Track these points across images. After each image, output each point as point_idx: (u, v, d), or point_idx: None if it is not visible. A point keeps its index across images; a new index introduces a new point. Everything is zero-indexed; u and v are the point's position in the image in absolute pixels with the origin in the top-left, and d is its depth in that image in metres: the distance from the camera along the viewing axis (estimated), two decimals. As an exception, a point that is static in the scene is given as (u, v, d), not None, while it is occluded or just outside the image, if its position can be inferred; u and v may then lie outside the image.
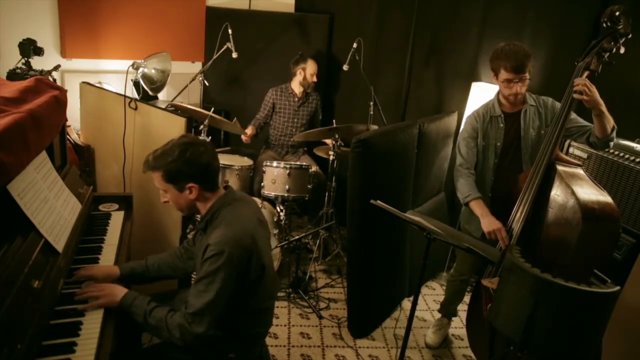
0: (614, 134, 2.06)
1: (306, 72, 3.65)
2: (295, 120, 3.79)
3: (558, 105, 2.21)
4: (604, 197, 1.84)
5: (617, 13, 1.81)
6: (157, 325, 1.54)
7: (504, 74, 2.18)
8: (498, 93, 2.35)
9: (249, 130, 3.68)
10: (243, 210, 1.68)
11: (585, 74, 1.93)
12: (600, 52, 1.89)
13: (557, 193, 1.92)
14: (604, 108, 1.98)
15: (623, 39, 1.86)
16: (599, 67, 1.91)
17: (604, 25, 1.86)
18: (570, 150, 2.71)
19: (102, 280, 1.65)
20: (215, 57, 3.50)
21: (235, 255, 1.53)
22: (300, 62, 3.65)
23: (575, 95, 1.92)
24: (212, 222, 1.64)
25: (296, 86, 3.73)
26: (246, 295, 1.65)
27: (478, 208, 2.24)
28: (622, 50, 1.87)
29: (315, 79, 3.70)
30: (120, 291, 1.58)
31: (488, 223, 2.16)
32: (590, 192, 1.85)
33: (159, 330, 1.54)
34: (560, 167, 1.98)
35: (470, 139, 2.37)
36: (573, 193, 1.83)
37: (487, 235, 2.15)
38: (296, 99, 3.76)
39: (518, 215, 2.06)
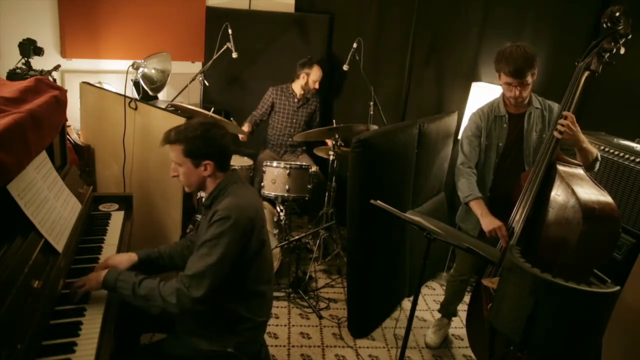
0: (597, 164, 2.08)
1: (309, 78, 3.64)
2: (294, 120, 3.79)
3: None
4: (604, 197, 1.84)
5: (617, 14, 1.81)
6: (148, 295, 1.50)
7: (503, 77, 2.18)
8: (504, 93, 2.35)
9: (245, 128, 3.69)
10: (247, 191, 1.77)
11: (585, 75, 1.93)
12: (600, 52, 1.88)
13: (557, 193, 1.92)
14: (585, 144, 1.99)
15: (623, 40, 1.85)
16: (600, 67, 1.90)
17: (604, 25, 1.85)
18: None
19: (123, 267, 1.67)
20: (215, 57, 3.50)
21: (241, 222, 1.57)
22: (306, 67, 3.63)
23: (555, 134, 1.94)
24: (218, 197, 1.69)
25: (297, 88, 3.73)
26: (244, 270, 1.66)
27: (478, 208, 2.24)
28: (622, 51, 1.86)
29: (317, 87, 3.69)
30: (103, 272, 1.57)
31: (488, 222, 2.16)
32: (590, 192, 1.85)
33: (151, 300, 1.50)
34: (560, 167, 1.98)
35: (474, 137, 2.36)
36: (573, 193, 1.83)
37: (488, 234, 2.15)
38: (296, 100, 3.75)
39: (518, 215, 2.06)
